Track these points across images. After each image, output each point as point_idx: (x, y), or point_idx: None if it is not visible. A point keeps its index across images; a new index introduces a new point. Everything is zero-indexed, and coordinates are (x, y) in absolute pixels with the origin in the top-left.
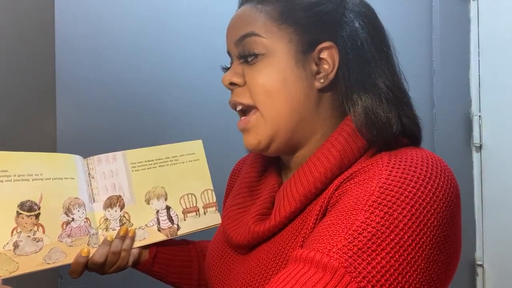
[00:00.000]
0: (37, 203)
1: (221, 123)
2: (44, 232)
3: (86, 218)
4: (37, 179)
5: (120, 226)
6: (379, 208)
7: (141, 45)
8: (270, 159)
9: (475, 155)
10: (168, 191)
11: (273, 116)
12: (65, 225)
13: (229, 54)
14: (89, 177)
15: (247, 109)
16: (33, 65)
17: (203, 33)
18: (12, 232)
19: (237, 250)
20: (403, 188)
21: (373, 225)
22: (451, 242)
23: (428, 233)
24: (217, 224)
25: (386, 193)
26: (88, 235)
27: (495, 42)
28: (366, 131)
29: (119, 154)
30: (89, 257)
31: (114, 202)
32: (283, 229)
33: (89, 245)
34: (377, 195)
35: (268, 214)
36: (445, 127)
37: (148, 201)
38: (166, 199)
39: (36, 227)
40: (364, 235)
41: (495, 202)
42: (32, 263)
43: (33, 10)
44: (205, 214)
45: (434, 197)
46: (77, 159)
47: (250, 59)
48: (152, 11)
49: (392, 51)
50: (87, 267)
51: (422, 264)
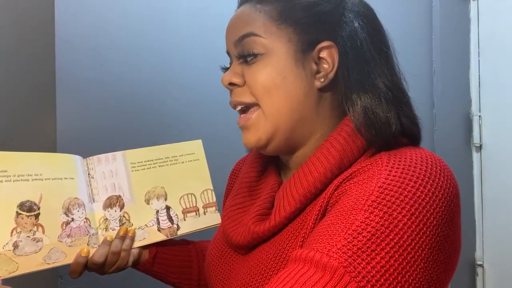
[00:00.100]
0: (37, 203)
1: (221, 123)
2: (43, 232)
3: (85, 218)
4: (36, 179)
5: (119, 226)
6: (379, 208)
7: (141, 45)
8: (269, 159)
9: (475, 155)
10: (168, 191)
11: (274, 113)
12: (64, 225)
13: (228, 54)
14: (89, 177)
15: (248, 108)
16: (33, 65)
17: (203, 33)
18: (11, 232)
19: (237, 250)
20: (402, 187)
21: (372, 225)
22: (450, 241)
23: (427, 232)
24: (217, 224)
25: (385, 192)
26: (87, 235)
27: (495, 42)
28: (365, 131)
29: (118, 154)
30: (89, 257)
31: (113, 202)
32: (282, 229)
33: (88, 245)
34: (376, 195)
35: (267, 214)
36: (445, 127)
37: (148, 201)
38: (166, 199)
39: (35, 227)
40: (363, 235)
41: (495, 202)
42: (32, 263)
43: (33, 10)
44: (205, 214)
45: (433, 197)
46: (77, 159)
47: (249, 59)
48: (152, 11)
49: (391, 51)
50: (87, 267)
51: (421, 263)
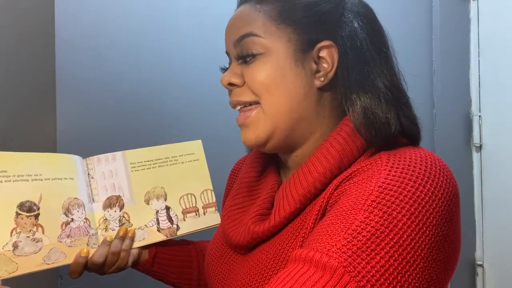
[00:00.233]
0: (37, 204)
1: (221, 123)
2: (43, 232)
3: (85, 218)
4: (36, 180)
5: (119, 226)
6: (378, 207)
7: (141, 45)
8: (269, 158)
9: (475, 155)
10: (167, 191)
11: (273, 112)
12: (64, 226)
13: (227, 54)
14: (89, 177)
15: (248, 107)
16: (33, 65)
17: (203, 33)
18: (11, 232)
19: (236, 250)
20: (402, 187)
21: (372, 225)
22: (450, 241)
23: (427, 232)
24: (216, 224)
25: (385, 192)
26: (87, 235)
27: (495, 42)
28: (365, 131)
29: (118, 154)
30: (89, 257)
31: (113, 202)
32: (282, 229)
33: (88, 245)
34: (376, 195)
35: (267, 214)
36: (445, 127)
37: (147, 201)
38: (165, 199)
39: (35, 227)
40: (363, 234)
41: (495, 202)
42: (31, 263)
43: (33, 10)
44: (204, 214)
45: (433, 196)
46: (77, 159)
47: (248, 59)
48: (152, 11)
49: (391, 51)
50: (87, 267)
51: (421, 263)
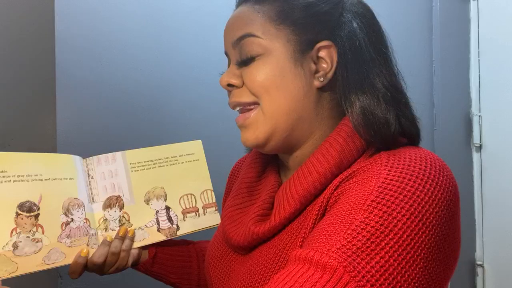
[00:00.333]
0: (37, 204)
1: (221, 123)
2: (43, 232)
3: (85, 218)
4: (36, 180)
5: (119, 226)
6: (378, 207)
7: (141, 45)
8: (269, 159)
9: (475, 155)
10: (167, 191)
11: (273, 113)
12: (64, 226)
13: (226, 55)
14: (89, 177)
15: (247, 108)
16: (33, 65)
17: (203, 33)
18: (11, 232)
19: (236, 250)
20: (401, 187)
21: (372, 225)
22: (450, 241)
23: (427, 232)
24: (216, 224)
25: (385, 192)
26: (87, 235)
27: (495, 42)
28: (364, 131)
29: (118, 154)
30: (89, 257)
31: (113, 202)
32: (282, 230)
33: (88, 245)
34: (376, 195)
35: (267, 214)
36: (445, 127)
37: (147, 202)
38: (165, 200)
39: (35, 227)
40: (363, 234)
41: (495, 202)
42: (31, 263)
43: (33, 10)
44: (204, 214)
45: (432, 196)
46: (77, 159)
47: (247, 60)
48: (152, 11)
49: (390, 51)
50: (87, 267)
51: (421, 263)
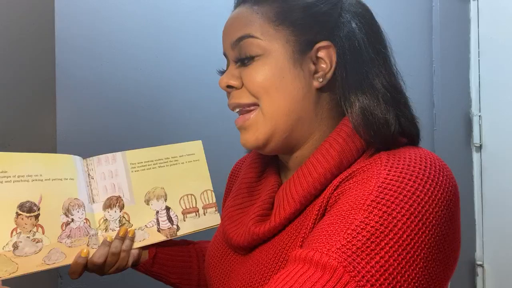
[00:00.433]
0: (37, 204)
1: (221, 123)
2: (43, 233)
3: (85, 218)
4: (36, 180)
5: (119, 226)
6: (378, 207)
7: (141, 45)
8: (269, 159)
9: (475, 155)
10: (167, 191)
11: (272, 114)
12: (64, 226)
13: (225, 56)
14: (89, 177)
15: (246, 109)
16: (33, 65)
17: (203, 33)
18: (11, 233)
19: (237, 250)
20: (401, 187)
21: (372, 225)
22: (450, 240)
23: (427, 232)
24: (216, 224)
25: (384, 192)
26: (87, 235)
27: (495, 42)
28: (364, 131)
29: (118, 154)
30: (89, 257)
31: (113, 202)
32: (282, 230)
33: (88, 246)
34: (375, 195)
35: (267, 215)
36: (445, 127)
37: (147, 202)
38: (165, 200)
39: (35, 228)
40: (363, 234)
41: (495, 202)
42: (31, 263)
43: (33, 10)
44: (204, 214)
45: (432, 196)
46: (77, 159)
47: (246, 61)
48: (152, 11)
49: (389, 51)
50: (87, 267)
51: (421, 263)
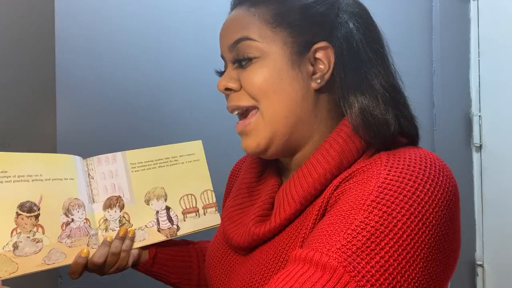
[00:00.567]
0: (37, 204)
1: (221, 123)
2: (43, 233)
3: (85, 218)
4: (36, 180)
5: (119, 226)
6: (378, 207)
7: (141, 45)
8: (269, 159)
9: (475, 155)
10: (168, 191)
11: (272, 117)
12: (64, 226)
13: (223, 58)
14: (89, 177)
15: (246, 112)
16: (33, 65)
17: (203, 33)
18: (11, 233)
19: (237, 251)
20: (401, 187)
21: (372, 225)
22: (450, 240)
23: (427, 232)
24: (216, 224)
25: (384, 192)
26: (87, 235)
27: (495, 42)
28: (363, 132)
29: (118, 154)
30: (89, 257)
31: (113, 202)
32: (282, 230)
33: (88, 245)
34: (375, 195)
35: (268, 215)
36: (445, 127)
37: (147, 202)
38: (165, 200)
39: (35, 227)
40: (363, 234)
41: (495, 202)
42: (31, 263)
43: (33, 10)
44: (204, 214)
45: (432, 196)
46: (77, 159)
47: (244, 63)
48: (152, 11)
49: (387, 51)
50: (87, 267)
51: (421, 263)
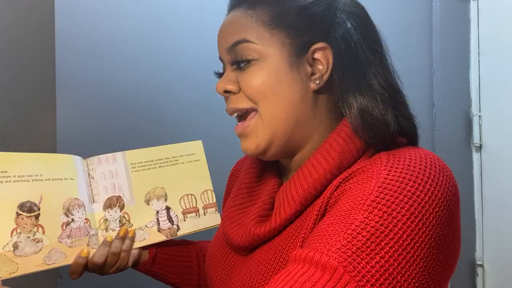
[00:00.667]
0: (37, 204)
1: (221, 123)
2: (44, 233)
3: (86, 218)
4: (37, 180)
5: (119, 226)
6: (378, 207)
7: (141, 45)
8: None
9: (475, 155)
10: (168, 191)
11: (271, 118)
12: (65, 226)
13: (221, 60)
14: (89, 177)
15: (245, 114)
16: (33, 65)
17: (203, 33)
18: (12, 233)
19: (237, 251)
20: (401, 187)
21: (372, 225)
22: (450, 240)
23: (427, 232)
24: (217, 224)
25: (385, 192)
26: (88, 235)
27: (495, 42)
28: (363, 132)
29: (119, 154)
30: (89, 257)
31: (114, 202)
32: (283, 230)
33: (88, 245)
34: (375, 195)
35: (268, 215)
36: (445, 127)
37: (148, 202)
38: (166, 200)
39: (36, 228)
40: (363, 234)
41: (495, 202)
42: (31, 263)
43: (33, 10)
44: (205, 214)
45: (432, 196)
46: (77, 159)
47: (243, 65)
48: (152, 11)
49: (385, 50)
50: (87, 267)
51: (421, 263)
